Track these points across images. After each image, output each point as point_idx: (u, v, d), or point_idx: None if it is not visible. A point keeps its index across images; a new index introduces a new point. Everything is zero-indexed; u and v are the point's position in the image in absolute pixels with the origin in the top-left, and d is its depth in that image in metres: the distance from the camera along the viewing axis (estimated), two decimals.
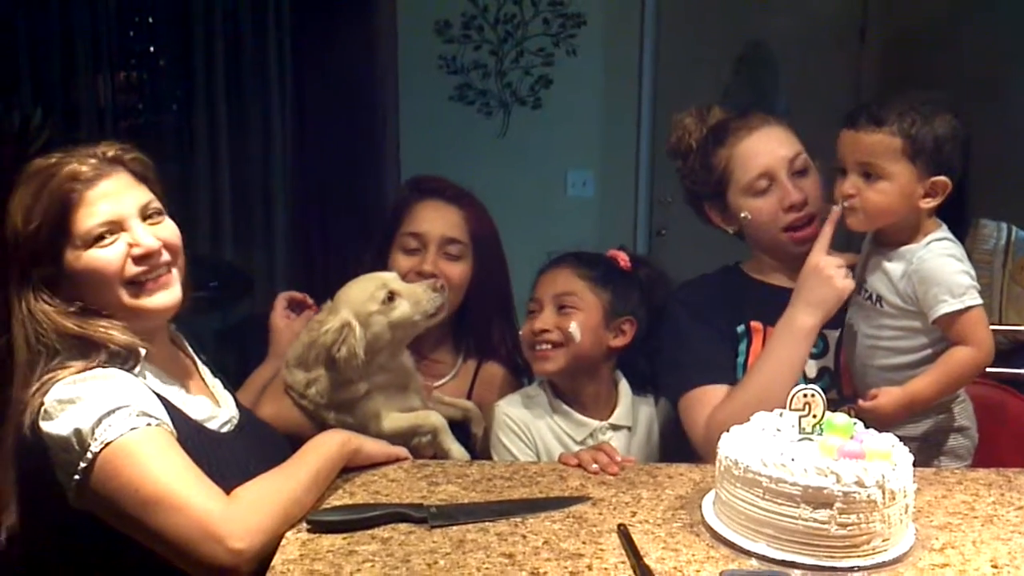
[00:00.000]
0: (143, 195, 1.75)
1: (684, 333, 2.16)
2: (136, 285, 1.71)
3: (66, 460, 1.54)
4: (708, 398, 2.05)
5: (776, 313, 2.11)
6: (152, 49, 4.76)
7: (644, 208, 4.81)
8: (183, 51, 4.61)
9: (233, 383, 2.02)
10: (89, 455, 1.52)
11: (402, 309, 2.03)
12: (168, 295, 1.75)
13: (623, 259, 2.25)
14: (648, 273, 2.28)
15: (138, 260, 1.70)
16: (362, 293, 2.04)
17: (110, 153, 1.75)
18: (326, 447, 1.76)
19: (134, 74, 4.83)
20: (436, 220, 2.33)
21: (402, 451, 1.91)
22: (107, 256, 1.68)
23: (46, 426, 1.55)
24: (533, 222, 3.91)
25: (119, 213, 1.70)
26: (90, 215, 1.67)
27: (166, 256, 1.74)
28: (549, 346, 2.14)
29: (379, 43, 4.51)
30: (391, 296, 2.03)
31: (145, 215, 1.74)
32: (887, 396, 1.93)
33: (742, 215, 2.14)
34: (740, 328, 2.14)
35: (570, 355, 2.14)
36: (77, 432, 1.53)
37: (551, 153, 4.71)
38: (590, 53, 4.68)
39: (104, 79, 4.62)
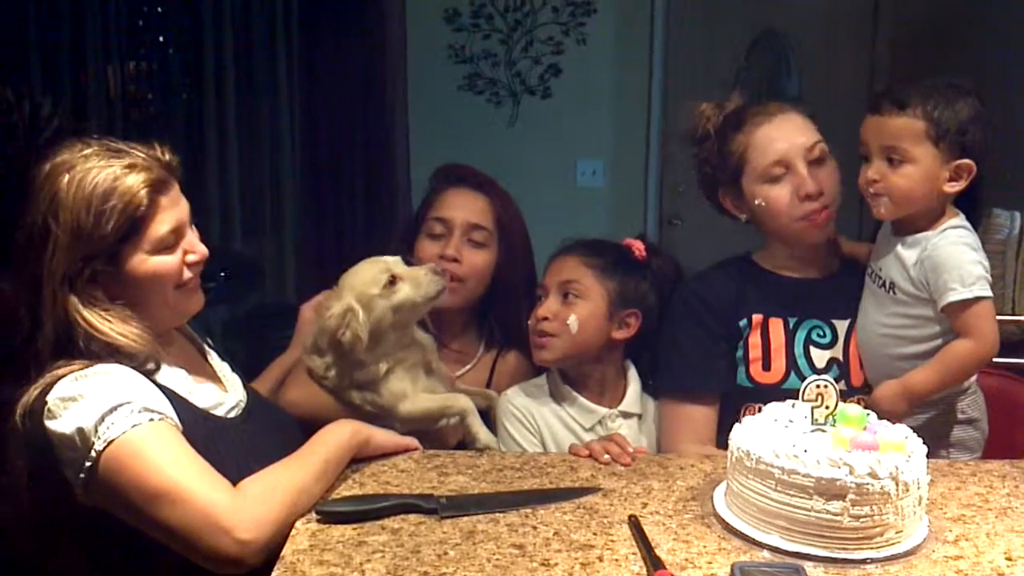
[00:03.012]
0: (186, 204, 1.77)
1: (677, 332, 2.17)
2: (184, 289, 1.74)
3: (72, 458, 1.54)
4: (688, 416, 2.10)
5: (781, 305, 2.12)
6: (162, 39, 4.75)
7: (654, 197, 4.80)
8: (193, 40, 4.61)
9: (242, 374, 2.01)
10: (93, 453, 1.52)
11: (404, 292, 2.04)
12: (202, 297, 1.81)
13: (639, 248, 2.24)
14: (661, 264, 2.26)
15: (192, 266, 1.73)
16: (365, 277, 2.05)
17: (167, 158, 1.74)
18: (336, 437, 1.75)
19: (144, 63, 4.82)
20: (462, 206, 2.34)
21: (412, 441, 1.90)
22: (171, 262, 1.70)
23: (51, 425, 1.55)
24: (543, 212, 3.87)
25: (182, 220, 1.72)
26: (165, 221, 1.68)
27: None
28: (546, 335, 2.14)
29: (388, 32, 4.50)
30: (393, 280, 2.04)
31: (191, 222, 1.77)
32: (885, 389, 1.95)
33: (756, 202, 2.10)
34: (743, 323, 2.13)
35: (568, 346, 2.14)
36: (80, 431, 1.53)
37: (561, 142, 4.70)
38: (600, 42, 4.66)
39: (114, 68, 4.61)
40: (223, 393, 1.83)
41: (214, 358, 1.93)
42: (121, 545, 1.62)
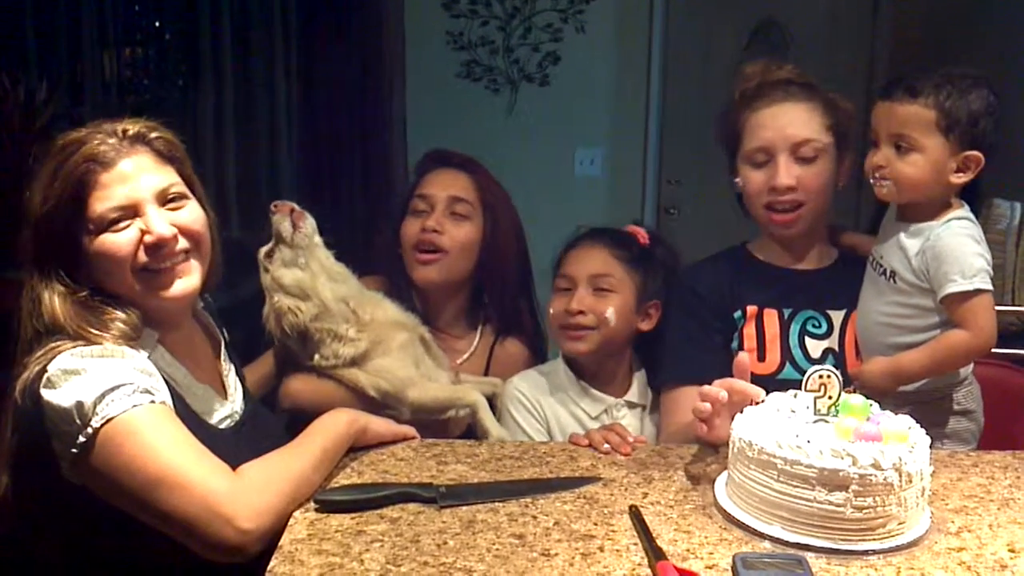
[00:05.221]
0: (164, 178, 1.68)
1: (670, 324, 2.18)
2: (150, 273, 1.66)
3: (65, 432, 1.51)
4: (681, 401, 2.08)
5: (776, 296, 2.12)
6: (158, 24, 4.73)
7: (652, 187, 4.78)
8: (189, 26, 4.58)
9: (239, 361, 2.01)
10: (90, 430, 1.49)
11: (280, 248, 2.10)
12: (183, 284, 1.69)
13: (643, 235, 2.25)
14: (664, 252, 2.27)
15: (150, 248, 1.64)
16: (261, 273, 2.12)
17: (132, 131, 1.67)
18: (333, 425, 1.74)
19: (140, 50, 4.80)
20: (443, 182, 2.37)
21: (410, 430, 1.89)
22: (118, 241, 1.62)
23: (47, 394, 1.51)
24: (540, 200, 3.88)
25: (134, 197, 1.63)
26: (104, 198, 1.61)
27: (183, 243, 1.68)
28: (582, 328, 2.13)
29: (386, 18, 4.47)
30: (268, 253, 2.11)
31: (165, 199, 1.67)
32: (873, 364, 1.96)
33: (736, 180, 2.14)
34: (737, 314, 2.13)
35: (602, 338, 2.15)
36: (79, 405, 1.49)
37: (559, 131, 4.67)
38: (599, 29, 4.63)
39: (110, 55, 4.59)
40: (220, 400, 1.80)
41: (224, 357, 1.90)
42: (100, 529, 1.59)
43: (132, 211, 1.63)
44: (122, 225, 1.63)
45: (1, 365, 1.72)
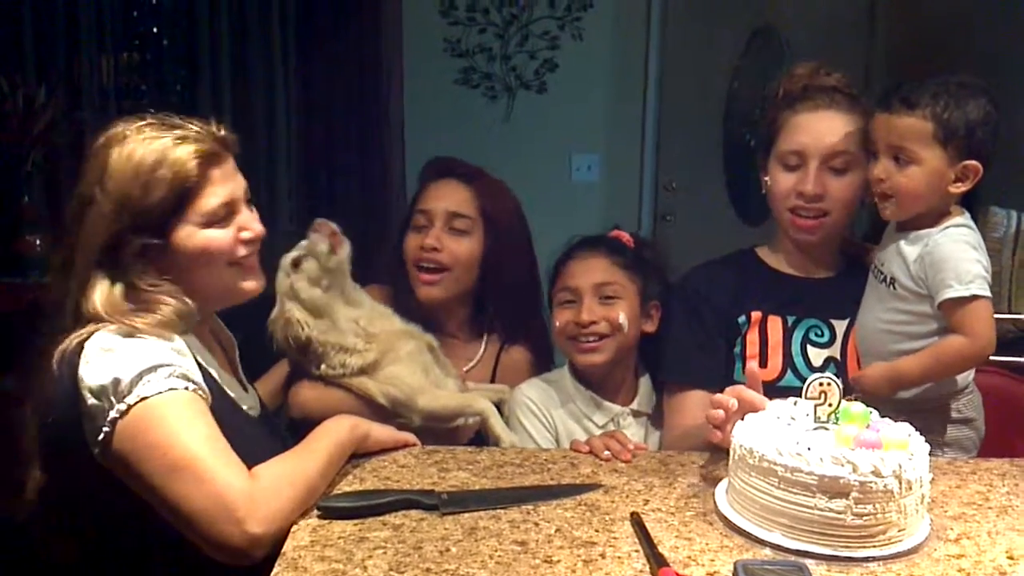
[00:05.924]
0: (242, 180, 1.76)
1: (675, 325, 2.19)
2: (238, 267, 1.73)
3: (98, 409, 1.51)
4: (686, 403, 2.09)
5: (780, 304, 2.13)
6: (156, 30, 4.72)
7: (649, 193, 4.79)
8: (187, 32, 4.57)
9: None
10: (123, 406, 1.50)
11: (308, 262, 2.10)
12: (262, 279, 1.80)
13: (626, 239, 2.26)
14: (652, 253, 2.29)
15: (247, 244, 1.73)
16: (279, 277, 2.12)
17: (221, 133, 1.75)
18: (336, 432, 1.74)
19: (137, 55, 4.79)
20: (442, 197, 2.35)
21: (410, 437, 1.90)
22: (222, 237, 1.69)
23: (84, 370, 1.53)
24: (537, 206, 3.88)
25: (235, 195, 1.72)
26: (213, 195, 1.68)
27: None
28: (596, 338, 2.14)
29: (384, 25, 4.47)
30: (295, 262, 2.11)
31: (247, 199, 1.77)
32: (872, 368, 1.97)
33: (765, 178, 2.14)
34: (741, 319, 2.13)
35: (617, 345, 2.15)
36: (116, 382, 1.51)
37: (556, 137, 4.68)
38: (596, 37, 4.64)
39: (108, 60, 4.58)
40: (244, 392, 1.83)
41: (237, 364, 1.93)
42: (120, 529, 1.61)
43: (232, 208, 1.71)
44: (224, 221, 1.70)
45: (2, 369, 1.72)
